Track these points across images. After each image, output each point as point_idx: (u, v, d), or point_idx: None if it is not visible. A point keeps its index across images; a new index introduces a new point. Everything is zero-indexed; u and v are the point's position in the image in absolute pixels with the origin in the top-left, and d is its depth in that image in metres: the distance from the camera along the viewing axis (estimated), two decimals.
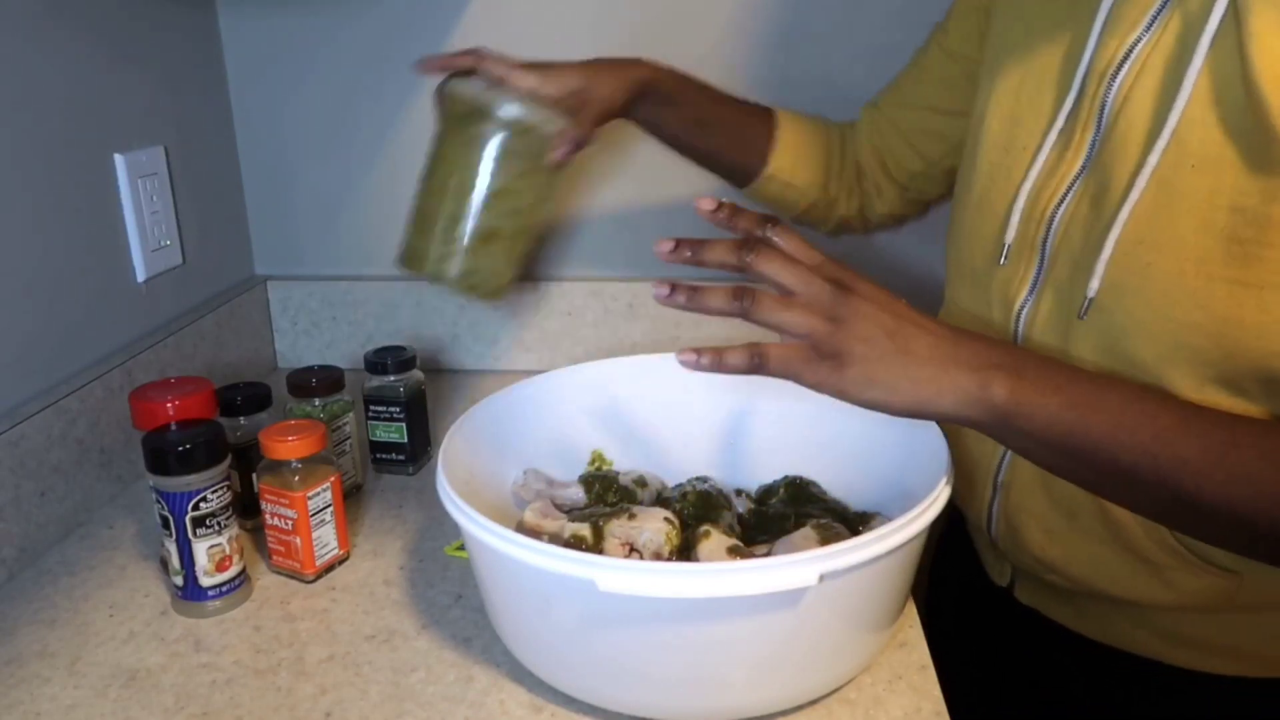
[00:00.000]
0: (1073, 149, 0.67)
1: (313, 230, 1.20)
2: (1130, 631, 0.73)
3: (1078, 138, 0.67)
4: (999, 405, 0.56)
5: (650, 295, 1.14)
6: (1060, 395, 0.56)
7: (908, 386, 0.56)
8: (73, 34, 0.89)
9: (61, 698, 0.66)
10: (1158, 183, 0.60)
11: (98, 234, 0.93)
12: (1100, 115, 0.65)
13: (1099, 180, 0.65)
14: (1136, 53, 0.63)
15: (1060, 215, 0.67)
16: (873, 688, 0.65)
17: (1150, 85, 0.62)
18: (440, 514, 0.83)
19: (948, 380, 0.56)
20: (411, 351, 0.93)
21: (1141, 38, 0.63)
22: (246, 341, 1.15)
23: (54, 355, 0.87)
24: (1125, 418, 0.56)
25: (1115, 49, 0.64)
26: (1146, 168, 0.61)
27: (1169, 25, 0.62)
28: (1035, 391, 0.56)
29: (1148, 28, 0.63)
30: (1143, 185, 0.61)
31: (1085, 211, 0.66)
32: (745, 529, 0.75)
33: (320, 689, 0.66)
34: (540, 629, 0.62)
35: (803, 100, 1.09)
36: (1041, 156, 0.69)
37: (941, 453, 0.67)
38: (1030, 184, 0.69)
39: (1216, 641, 0.71)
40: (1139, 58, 0.63)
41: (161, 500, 0.71)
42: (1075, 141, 0.67)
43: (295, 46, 1.13)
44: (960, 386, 0.56)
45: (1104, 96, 0.65)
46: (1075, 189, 0.67)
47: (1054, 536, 0.73)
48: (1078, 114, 0.67)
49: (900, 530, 0.57)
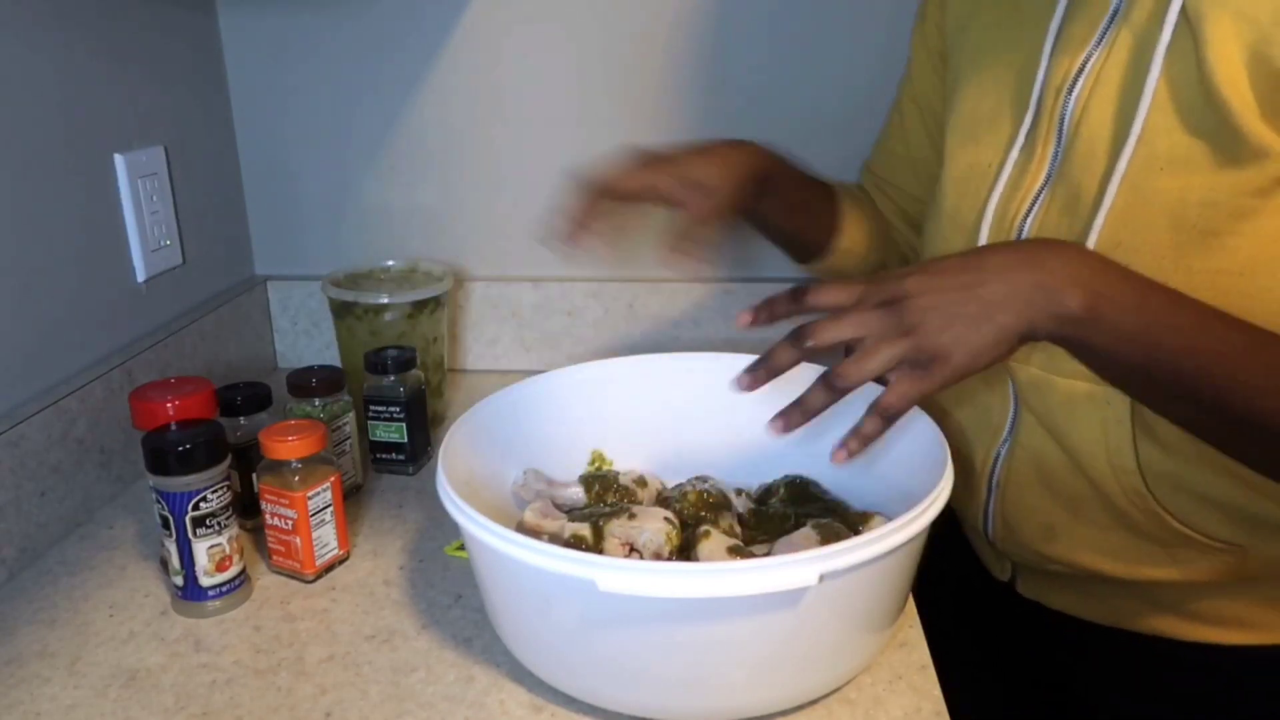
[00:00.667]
0: (1035, 162, 0.70)
1: (313, 230, 1.20)
2: (1138, 611, 0.74)
3: (1039, 151, 0.70)
4: (1075, 318, 0.57)
5: (650, 295, 1.15)
6: (1135, 313, 0.57)
7: (997, 333, 0.57)
8: (72, 34, 0.89)
9: (61, 698, 0.66)
10: (1129, 187, 0.63)
11: (98, 234, 0.93)
12: (1060, 128, 0.68)
13: (1067, 190, 0.67)
14: (1089, 67, 0.66)
15: (1029, 225, 0.70)
16: (873, 688, 0.65)
17: (1108, 96, 0.65)
18: (440, 514, 0.83)
19: (1028, 309, 0.57)
20: (412, 351, 0.93)
21: (1092, 53, 0.67)
22: (246, 341, 1.15)
23: (54, 355, 0.87)
24: (1197, 338, 0.58)
25: (1068, 66, 0.68)
26: (1116, 174, 0.63)
27: (1118, 40, 0.65)
28: (1110, 306, 0.57)
29: (1097, 43, 0.66)
30: (1114, 191, 0.63)
31: (1055, 220, 0.68)
32: (745, 529, 0.75)
33: (320, 689, 0.66)
34: (540, 629, 0.62)
35: (795, 114, 1.10)
36: (1006, 171, 0.71)
37: (942, 453, 0.66)
38: (997, 197, 0.72)
39: (1225, 613, 0.72)
40: (1092, 72, 0.66)
41: (161, 500, 0.71)
42: (1038, 155, 0.70)
43: (295, 46, 1.13)
44: (1038, 308, 0.57)
45: (1061, 111, 0.68)
46: (1041, 199, 0.70)
47: (1056, 530, 0.73)
48: (1037, 129, 0.70)
49: (900, 530, 0.57)
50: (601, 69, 1.11)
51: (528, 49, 1.11)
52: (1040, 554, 0.75)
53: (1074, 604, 0.78)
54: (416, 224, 1.18)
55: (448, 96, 1.13)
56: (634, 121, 1.12)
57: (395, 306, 1.00)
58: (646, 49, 1.10)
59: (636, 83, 1.11)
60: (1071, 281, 0.57)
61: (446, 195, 1.17)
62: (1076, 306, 0.57)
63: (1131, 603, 0.74)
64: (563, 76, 1.11)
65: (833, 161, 1.11)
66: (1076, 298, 0.57)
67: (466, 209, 1.17)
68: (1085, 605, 0.77)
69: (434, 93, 1.13)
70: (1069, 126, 0.67)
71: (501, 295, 1.18)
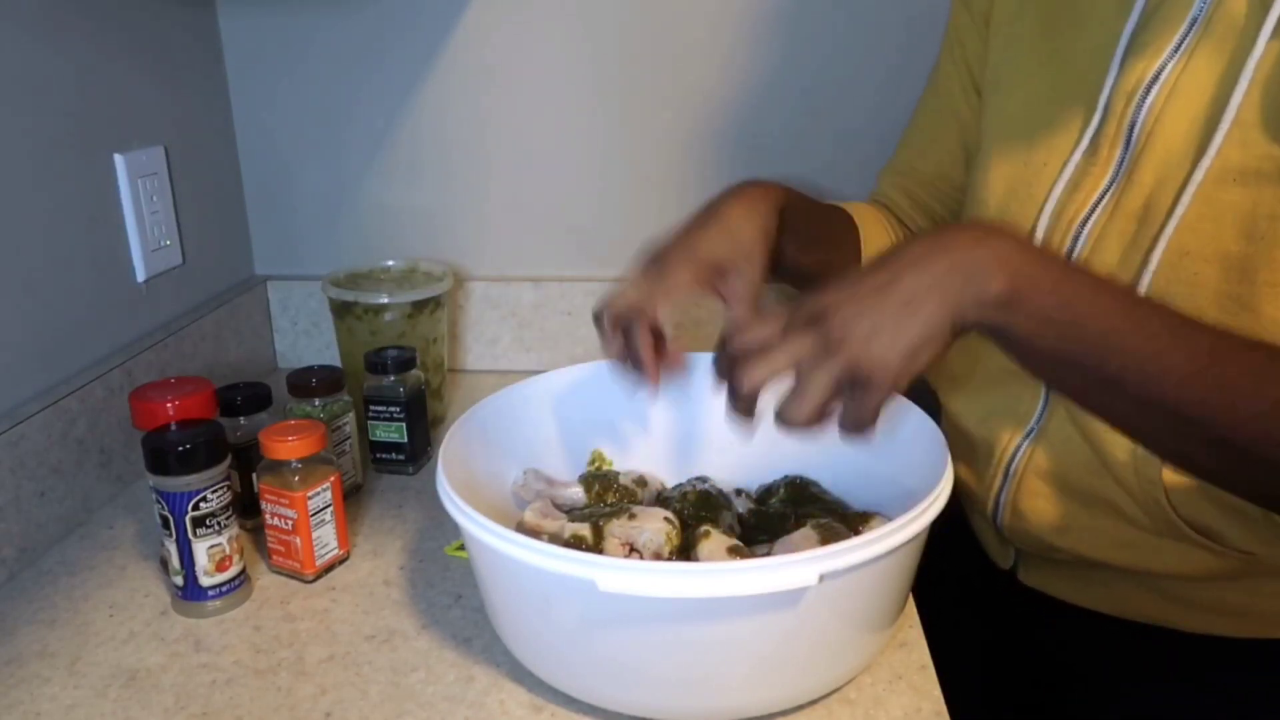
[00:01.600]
0: (1099, 165, 0.70)
1: (313, 230, 1.20)
2: (1142, 600, 0.74)
3: (1104, 154, 0.69)
4: (998, 300, 0.54)
5: None
6: (1055, 294, 0.55)
7: (924, 328, 0.54)
8: (72, 34, 0.89)
9: (61, 698, 0.66)
10: (1201, 198, 0.63)
11: (98, 234, 0.93)
12: (1130, 134, 0.68)
13: (1136, 196, 0.67)
14: (1165, 75, 0.66)
15: (1089, 229, 0.70)
16: (873, 688, 0.65)
17: (1184, 106, 0.65)
18: (440, 514, 0.83)
19: (950, 295, 0.55)
20: (411, 351, 0.93)
21: (1168, 62, 0.66)
22: (246, 341, 1.15)
23: (54, 355, 0.87)
24: (1118, 321, 0.55)
25: (1142, 72, 0.67)
26: (1192, 183, 0.63)
27: (1198, 49, 0.65)
28: (1031, 286, 0.55)
29: (1174, 52, 0.66)
30: (1187, 201, 0.63)
31: (1120, 225, 0.68)
32: (745, 529, 0.75)
33: (320, 689, 0.66)
34: (540, 629, 0.62)
35: (802, 125, 1.10)
36: (1066, 173, 0.71)
37: (941, 453, 0.67)
38: (1055, 199, 0.71)
39: (1231, 605, 0.72)
40: (1168, 80, 0.66)
41: (161, 500, 0.71)
42: (1102, 159, 0.70)
43: (295, 46, 1.13)
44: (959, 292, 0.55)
45: (1133, 116, 0.68)
46: (1104, 203, 0.69)
47: (1068, 523, 0.74)
48: (1103, 133, 0.69)
49: (900, 530, 0.57)
50: (602, 68, 1.11)
51: (528, 49, 1.11)
52: (1049, 544, 0.76)
53: (1076, 592, 0.78)
54: (416, 224, 1.18)
55: (448, 96, 1.13)
56: (634, 121, 1.12)
57: (395, 306, 1.00)
58: (646, 49, 1.10)
59: (637, 82, 1.11)
60: (990, 261, 0.55)
61: (446, 195, 1.17)
62: (998, 288, 0.54)
63: (1135, 592, 0.74)
64: (563, 76, 1.11)
65: (834, 164, 1.11)
66: (997, 279, 0.54)
67: (466, 209, 1.17)
68: (1088, 594, 0.78)
69: (434, 92, 1.13)
70: (1140, 133, 0.67)
71: (501, 295, 1.18)
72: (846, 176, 1.12)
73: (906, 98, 1.08)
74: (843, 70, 1.08)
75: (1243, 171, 0.61)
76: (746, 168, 1.12)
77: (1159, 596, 0.73)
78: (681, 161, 1.13)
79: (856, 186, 1.10)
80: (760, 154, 1.12)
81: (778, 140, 1.12)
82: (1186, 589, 0.72)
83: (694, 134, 1.12)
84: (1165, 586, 0.73)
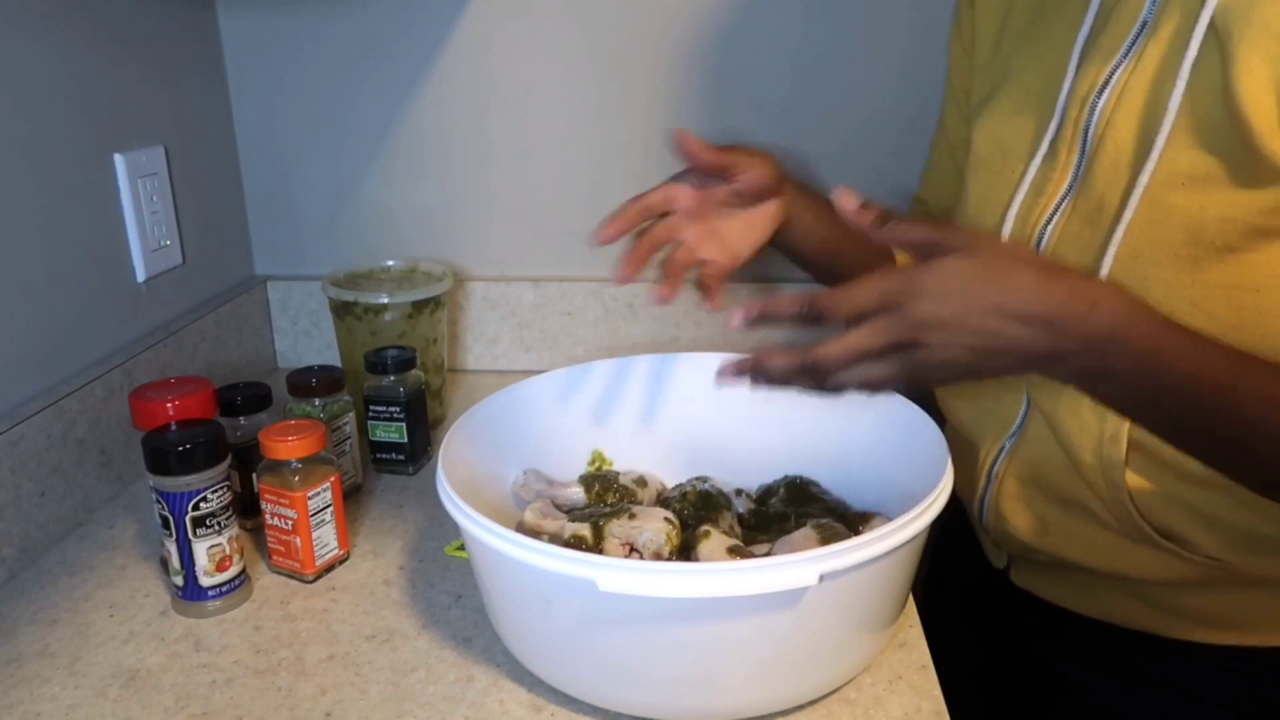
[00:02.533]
0: (1058, 170, 0.70)
1: (313, 230, 1.20)
2: (1127, 606, 0.75)
3: (1063, 159, 0.70)
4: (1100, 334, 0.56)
5: (650, 295, 1.15)
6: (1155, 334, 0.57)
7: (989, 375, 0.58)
8: (72, 34, 0.89)
9: (61, 698, 0.66)
10: (1149, 200, 0.63)
11: (98, 234, 0.93)
12: (1084, 138, 0.68)
13: (1089, 200, 0.68)
14: (1115, 79, 0.66)
15: (1050, 232, 0.70)
16: (873, 688, 0.65)
17: (1133, 109, 0.65)
18: (440, 514, 0.83)
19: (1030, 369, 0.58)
20: (411, 351, 0.93)
21: (1119, 65, 0.66)
22: (246, 341, 1.15)
23: (54, 355, 0.87)
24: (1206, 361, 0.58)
25: (1095, 76, 0.68)
26: (1139, 187, 0.63)
27: (1146, 52, 0.65)
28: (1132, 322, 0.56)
29: (1124, 55, 0.66)
30: (1135, 203, 0.63)
31: (1076, 228, 0.69)
32: (745, 529, 0.75)
33: (320, 689, 0.66)
34: (540, 629, 0.62)
35: (808, 123, 1.10)
36: (1028, 179, 0.72)
37: (941, 453, 0.67)
38: (1018, 203, 0.72)
39: (1213, 613, 0.72)
40: (1118, 83, 0.66)
41: (161, 500, 0.71)
42: (1060, 164, 0.70)
43: (295, 46, 1.13)
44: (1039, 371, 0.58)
45: (1086, 120, 0.68)
46: (1064, 207, 0.70)
47: (1047, 524, 0.74)
48: (1061, 138, 0.70)
49: (900, 530, 0.57)
50: (602, 68, 1.11)
51: (528, 48, 1.11)
52: (1030, 546, 0.76)
53: (1064, 596, 0.79)
54: (416, 224, 1.18)
55: (448, 96, 1.13)
56: (634, 120, 1.12)
57: (395, 306, 1.00)
58: (646, 48, 1.10)
59: (637, 82, 1.11)
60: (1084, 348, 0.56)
61: (446, 195, 1.17)
62: (1075, 377, 0.58)
63: (1120, 597, 0.75)
64: (563, 76, 1.11)
65: (836, 164, 1.11)
66: (1080, 364, 0.57)
67: (466, 209, 1.17)
68: (1075, 598, 0.78)
69: (434, 92, 1.13)
70: (1093, 137, 0.68)
71: (501, 295, 1.18)
72: (849, 178, 1.12)
73: (908, 100, 1.08)
74: (843, 71, 1.08)
75: (1190, 176, 0.61)
76: None
77: (1142, 603, 0.73)
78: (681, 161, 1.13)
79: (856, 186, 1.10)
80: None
81: (778, 140, 1.11)
82: (1169, 596, 0.72)
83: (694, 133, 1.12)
84: (1148, 593, 0.73)
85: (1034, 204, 0.71)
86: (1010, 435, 0.75)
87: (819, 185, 0.86)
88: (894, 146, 1.09)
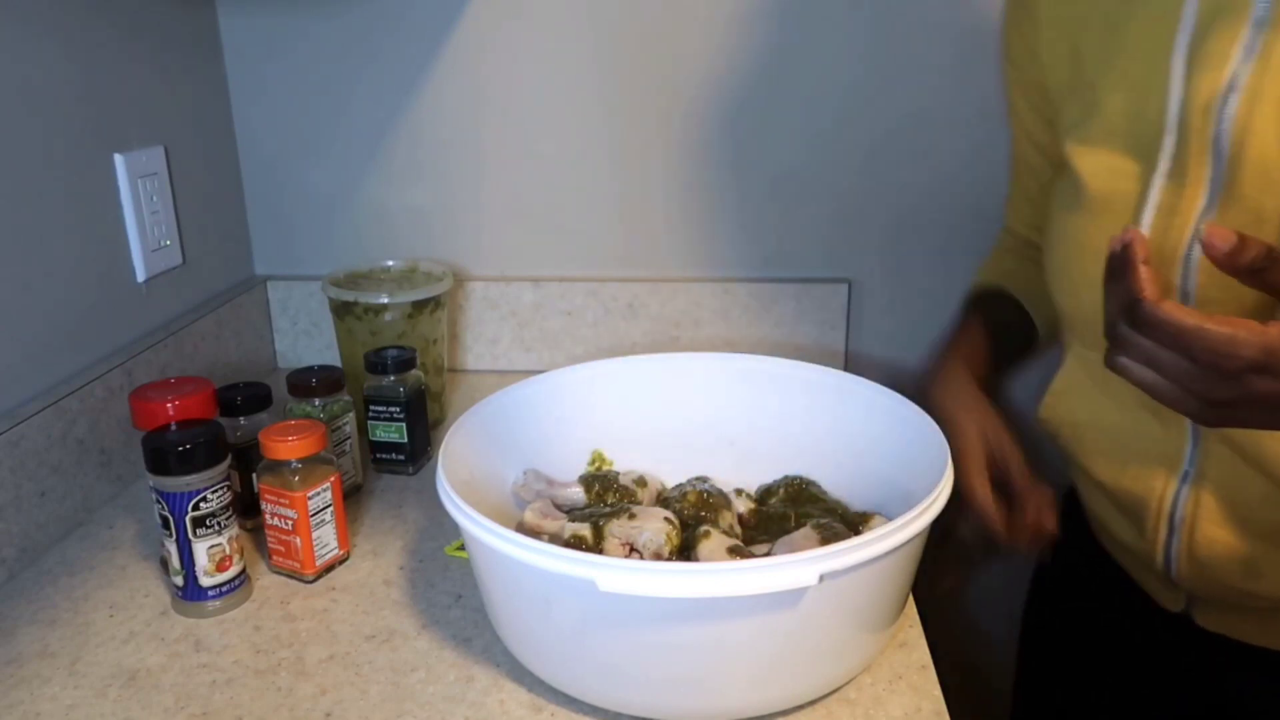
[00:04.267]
0: (1189, 186, 0.65)
1: (313, 230, 1.20)
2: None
3: (1192, 174, 0.65)
4: None
5: (650, 295, 1.15)
6: None
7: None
8: (72, 34, 0.89)
9: (61, 698, 0.66)
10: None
11: (98, 234, 0.93)
12: (1217, 149, 0.64)
13: (1243, 210, 0.63)
14: (1241, 82, 0.62)
15: (1196, 254, 0.65)
16: (873, 688, 0.65)
17: (1271, 111, 0.61)
18: (440, 514, 0.83)
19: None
20: (411, 351, 0.93)
21: (1240, 68, 0.62)
22: (246, 341, 1.15)
23: (54, 355, 0.87)
24: None
25: (1214, 82, 0.63)
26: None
27: (1274, 50, 0.61)
28: None
29: (1245, 58, 0.62)
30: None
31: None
32: (745, 529, 0.75)
33: (320, 689, 0.66)
34: (540, 629, 0.62)
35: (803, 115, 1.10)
36: (1151, 200, 0.67)
37: (941, 453, 0.67)
38: (1146, 227, 0.67)
39: None
40: (1247, 86, 0.62)
41: (161, 500, 0.71)
42: (1191, 179, 0.65)
43: (295, 46, 1.13)
44: None
45: (1215, 130, 0.64)
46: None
47: (1259, 565, 0.69)
48: (1185, 152, 0.65)
49: (900, 530, 0.57)
50: (601, 68, 1.11)
51: (527, 49, 1.11)
52: (1241, 590, 0.71)
53: (1256, 633, 0.74)
54: (416, 224, 1.18)
55: (447, 96, 1.13)
56: (634, 121, 1.12)
57: (395, 306, 1.00)
58: (646, 48, 1.10)
59: (636, 82, 1.11)
60: None
61: (446, 195, 1.17)
62: None
63: None
64: (563, 76, 1.11)
65: (836, 164, 1.11)
66: None
67: (466, 209, 1.17)
68: (1268, 634, 0.74)
69: (434, 92, 1.13)
70: (1228, 146, 0.63)
71: (501, 295, 1.18)
72: (848, 179, 1.12)
73: (909, 105, 1.08)
74: (844, 72, 1.08)
75: None
76: (745, 168, 1.12)
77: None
78: (681, 161, 1.13)
79: (857, 186, 1.11)
80: (760, 154, 1.12)
81: (778, 140, 1.12)
82: None
83: (693, 134, 1.12)
84: None
85: (1168, 225, 0.66)
86: (1183, 476, 0.71)
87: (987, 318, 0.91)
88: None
